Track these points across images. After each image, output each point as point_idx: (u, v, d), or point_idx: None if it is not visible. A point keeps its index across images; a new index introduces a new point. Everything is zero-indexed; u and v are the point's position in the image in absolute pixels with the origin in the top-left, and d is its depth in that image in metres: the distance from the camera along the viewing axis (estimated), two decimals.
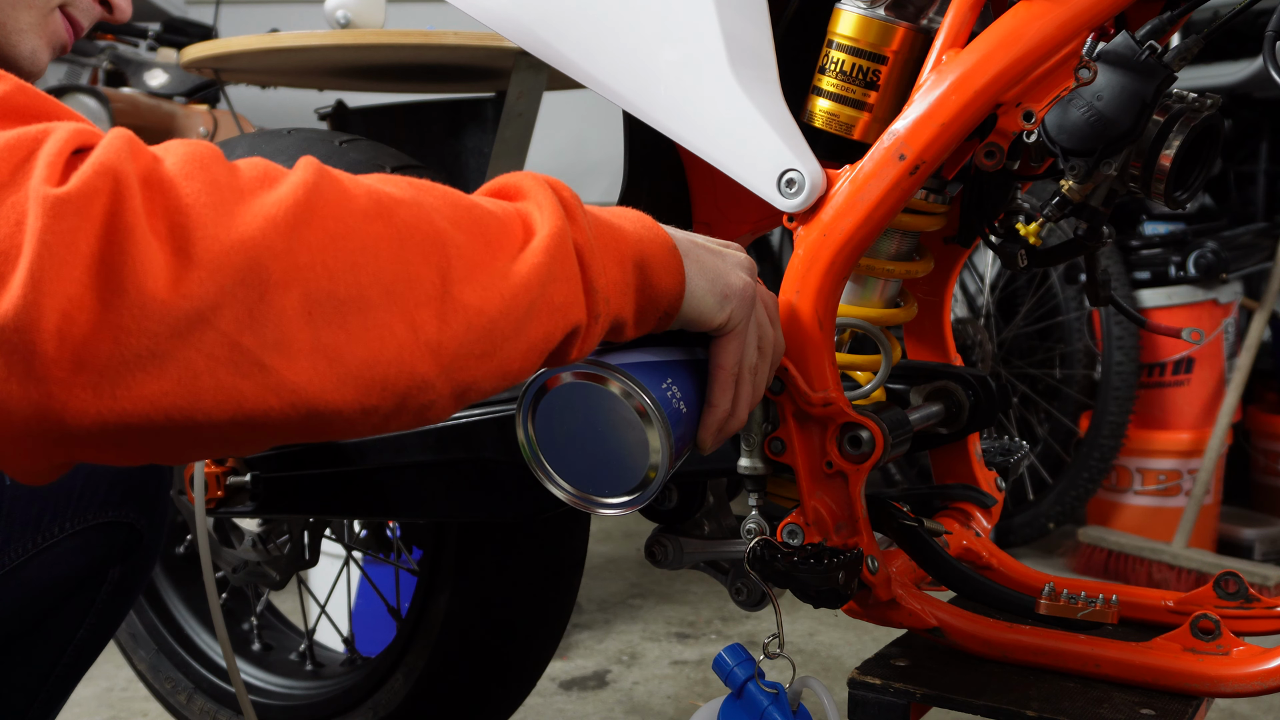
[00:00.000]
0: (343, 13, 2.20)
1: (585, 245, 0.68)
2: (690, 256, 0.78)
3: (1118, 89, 0.89)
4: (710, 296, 0.78)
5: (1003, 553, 1.14)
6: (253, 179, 0.55)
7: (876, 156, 0.91)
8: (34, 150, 0.50)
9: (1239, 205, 3.12)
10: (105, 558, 1.02)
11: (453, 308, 0.59)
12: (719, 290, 0.79)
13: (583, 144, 3.90)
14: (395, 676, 1.32)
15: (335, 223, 0.56)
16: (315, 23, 2.31)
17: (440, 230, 0.60)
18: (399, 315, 0.57)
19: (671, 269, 0.76)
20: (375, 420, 0.58)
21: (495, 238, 0.64)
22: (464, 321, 0.60)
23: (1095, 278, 1.08)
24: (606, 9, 1.01)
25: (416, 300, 0.58)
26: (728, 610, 2.27)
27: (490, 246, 0.63)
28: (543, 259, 0.64)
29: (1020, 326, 2.79)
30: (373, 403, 0.57)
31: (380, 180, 0.61)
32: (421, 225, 0.60)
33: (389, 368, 0.57)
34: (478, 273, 0.61)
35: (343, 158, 1.31)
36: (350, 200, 0.57)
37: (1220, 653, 0.94)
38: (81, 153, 0.51)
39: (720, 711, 0.95)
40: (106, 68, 2.81)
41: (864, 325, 1.03)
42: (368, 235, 0.57)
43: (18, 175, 0.50)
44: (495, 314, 0.61)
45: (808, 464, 0.94)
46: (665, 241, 0.76)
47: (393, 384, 0.57)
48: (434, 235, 0.60)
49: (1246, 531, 2.71)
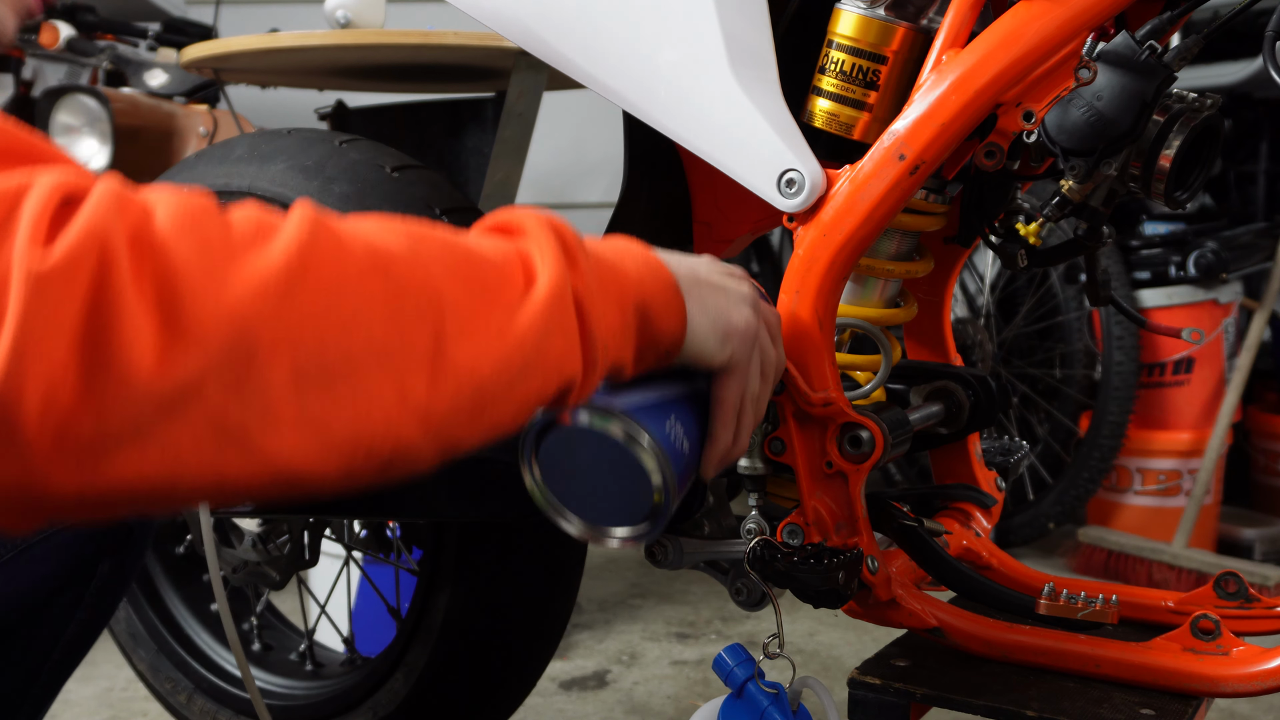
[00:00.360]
0: (343, 13, 2.20)
1: (585, 292, 0.67)
2: (693, 295, 0.77)
3: (1118, 89, 0.89)
4: (712, 337, 0.77)
5: (1003, 553, 1.14)
6: (246, 235, 0.53)
7: (876, 156, 0.91)
8: (17, 204, 0.48)
9: (1239, 205, 3.12)
10: (95, 552, 1.00)
11: (445, 369, 0.58)
12: (721, 329, 0.78)
13: (583, 144, 3.89)
14: (395, 677, 1.32)
15: (329, 284, 0.54)
16: (315, 23, 2.31)
17: (436, 285, 0.59)
18: (389, 380, 0.56)
19: (673, 310, 0.75)
20: (358, 481, 0.57)
21: (493, 289, 0.62)
22: (455, 383, 0.58)
23: (1095, 278, 1.08)
24: (606, 9, 1.01)
25: (408, 363, 0.56)
26: (728, 610, 2.27)
27: (488, 298, 0.61)
28: (541, 312, 0.63)
29: (1020, 326, 2.79)
30: (356, 468, 0.56)
31: (378, 228, 0.60)
32: (417, 281, 0.58)
33: (375, 435, 0.56)
34: (473, 330, 0.59)
35: (343, 158, 1.31)
36: (345, 257, 0.56)
37: (1220, 653, 0.94)
38: (70, 203, 0.49)
39: (720, 711, 0.95)
40: (106, 68, 2.80)
41: (864, 325, 1.03)
42: (362, 296, 0.55)
43: (1, 232, 0.47)
44: (488, 373, 0.60)
45: (808, 464, 0.94)
46: (668, 281, 0.75)
47: (378, 450, 0.56)
48: (430, 291, 0.58)
49: (1246, 531, 2.71)
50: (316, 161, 1.31)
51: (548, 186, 3.91)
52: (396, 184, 1.28)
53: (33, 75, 2.74)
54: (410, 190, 1.28)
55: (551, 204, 3.95)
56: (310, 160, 1.31)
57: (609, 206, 1.17)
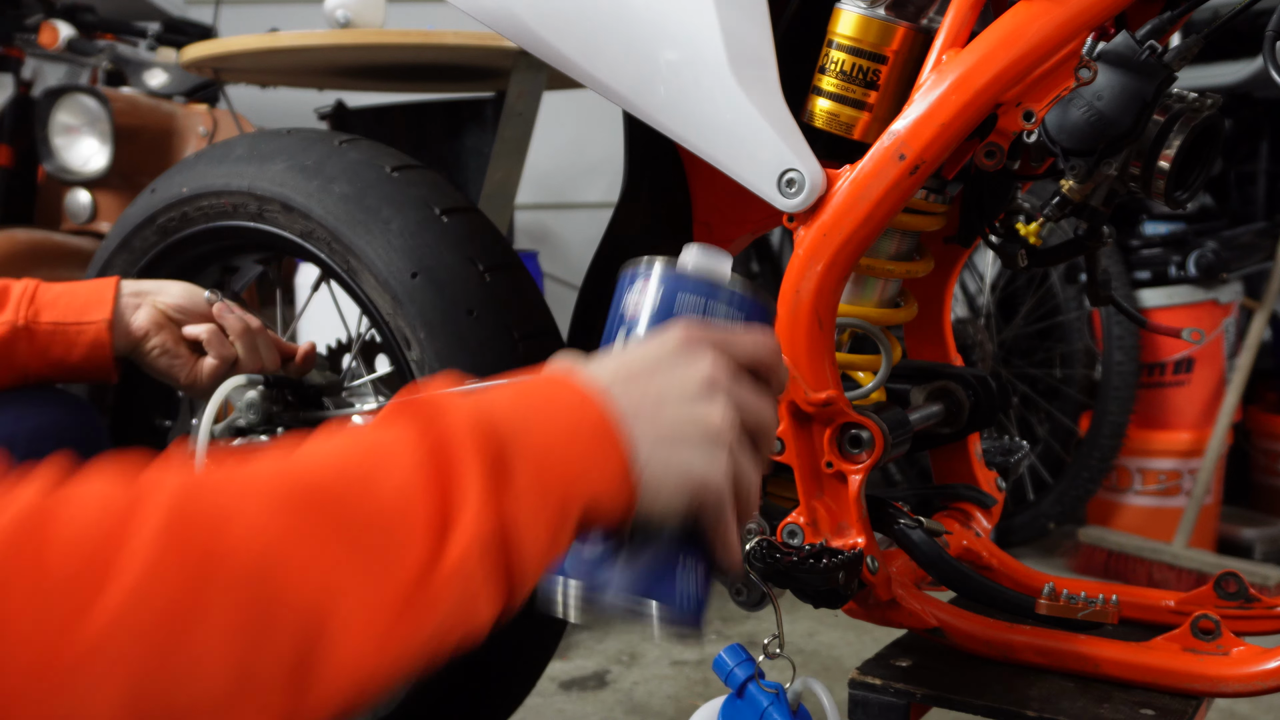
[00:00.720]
0: (343, 13, 2.20)
1: (516, 524, 0.54)
2: (652, 463, 0.61)
3: (1118, 89, 0.89)
4: (675, 500, 0.63)
5: (1003, 553, 1.14)
6: (71, 572, 0.43)
7: (876, 156, 0.91)
8: None
9: (1239, 205, 3.12)
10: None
11: (317, 683, 0.48)
12: (685, 489, 0.63)
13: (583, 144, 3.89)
14: None
15: (163, 629, 0.44)
16: (315, 23, 2.31)
17: (312, 580, 0.48)
18: (249, 712, 0.46)
19: (622, 496, 0.61)
20: None
21: (392, 556, 0.50)
22: (329, 693, 0.48)
23: (1095, 278, 1.08)
24: (606, 9, 1.01)
25: (270, 688, 0.46)
26: (728, 610, 2.27)
27: (380, 575, 0.50)
28: (455, 572, 0.52)
29: (1020, 326, 2.79)
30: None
31: (249, 505, 0.48)
32: (288, 580, 0.47)
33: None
34: (357, 625, 0.49)
35: (343, 158, 1.31)
36: (186, 580, 0.45)
37: (1220, 653, 0.94)
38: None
39: (721, 711, 0.95)
40: (106, 68, 2.81)
41: (864, 325, 1.03)
42: (208, 629, 0.45)
43: None
44: (373, 669, 0.50)
45: (808, 464, 0.94)
46: (618, 461, 0.60)
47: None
48: (303, 592, 0.47)
49: (1246, 531, 2.71)
50: (316, 161, 1.31)
51: (548, 186, 3.91)
52: (396, 184, 1.28)
53: (33, 75, 2.74)
54: (410, 190, 1.28)
55: (551, 204, 3.96)
56: (310, 160, 1.31)
57: (609, 206, 1.17)
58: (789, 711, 0.92)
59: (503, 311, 1.24)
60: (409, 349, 1.24)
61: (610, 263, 1.15)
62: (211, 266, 1.47)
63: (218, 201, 1.36)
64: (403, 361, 1.25)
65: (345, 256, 1.26)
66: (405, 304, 1.23)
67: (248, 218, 1.34)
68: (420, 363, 1.23)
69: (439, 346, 1.22)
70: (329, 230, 1.27)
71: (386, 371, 1.39)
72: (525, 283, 1.28)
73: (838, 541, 0.94)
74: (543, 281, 2.69)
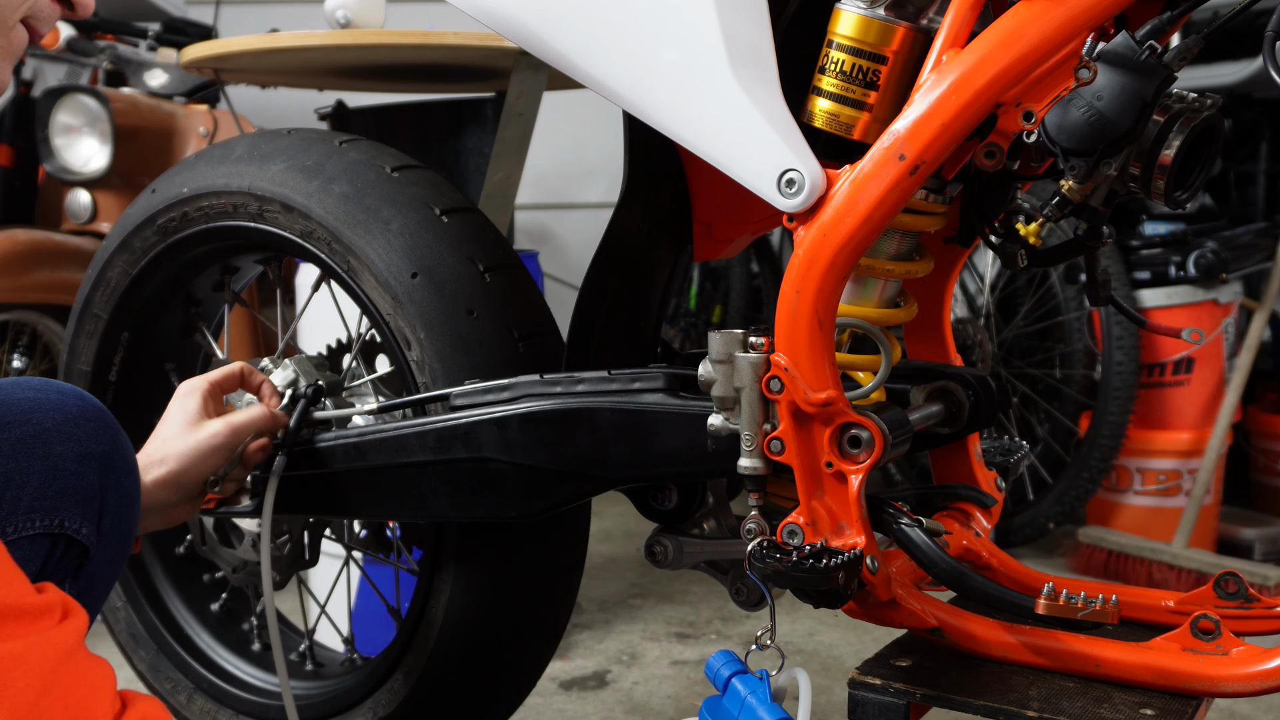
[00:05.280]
0: (343, 13, 2.20)
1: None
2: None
3: (1118, 89, 0.89)
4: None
5: (1003, 553, 1.14)
6: None
7: (876, 156, 0.91)
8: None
9: (1239, 205, 3.12)
10: (40, 576, 0.88)
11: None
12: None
13: (583, 144, 3.89)
14: (395, 676, 1.32)
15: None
16: (315, 23, 2.31)
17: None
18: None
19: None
20: None
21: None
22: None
23: (1095, 278, 1.08)
24: (606, 9, 1.01)
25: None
26: (728, 610, 2.27)
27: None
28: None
29: (1020, 326, 2.79)
30: None
31: None
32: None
33: None
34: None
35: (343, 158, 1.31)
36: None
37: (1220, 653, 0.94)
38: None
39: (702, 709, 0.96)
40: (106, 68, 2.81)
41: (864, 325, 1.03)
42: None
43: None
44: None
45: (808, 464, 0.94)
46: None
47: None
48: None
49: (1246, 531, 2.71)
50: (316, 161, 1.31)
51: (548, 186, 3.91)
52: (396, 184, 1.29)
53: (33, 75, 2.74)
54: (410, 190, 1.28)
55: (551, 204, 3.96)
56: (310, 160, 1.31)
57: (609, 206, 1.17)
58: (769, 697, 0.93)
59: (503, 311, 1.24)
60: (409, 349, 1.24)
61: (610, 263, 1.15)
62: (212, 266, 1.48)
63: (218, 201, 1.36)
64: (403, 361, 1.25)
65: (345, 256, 1.27)
66: (405, 304, 1.23)
67: (248, 218, 1.34)
68: (420, 363, 1.23)
69: (439, 346, 1.22)
70: (329, 230, 1.27)
71: (387, 371, 1.40)
72: (525, 283, 1.28)
73: (837, 541, 0.94)
74: (543, 281, 2.69)
